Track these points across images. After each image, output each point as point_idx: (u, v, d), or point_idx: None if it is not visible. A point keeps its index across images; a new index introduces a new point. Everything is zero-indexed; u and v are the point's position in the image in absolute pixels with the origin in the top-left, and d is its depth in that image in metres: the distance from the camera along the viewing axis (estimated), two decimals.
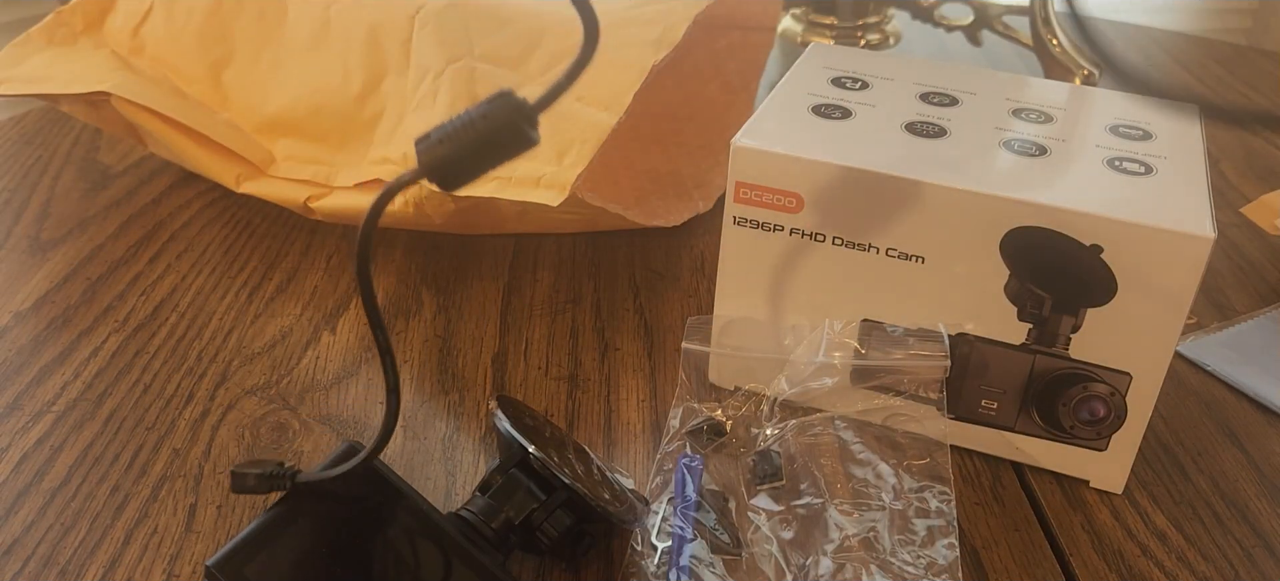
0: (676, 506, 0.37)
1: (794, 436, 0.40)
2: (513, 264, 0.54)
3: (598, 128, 0.45)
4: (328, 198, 0.52)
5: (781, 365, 0.41)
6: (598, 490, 0.34)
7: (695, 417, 0.41)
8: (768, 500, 0.38)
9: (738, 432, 0.41)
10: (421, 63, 0.50)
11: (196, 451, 0.41)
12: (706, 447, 0.40)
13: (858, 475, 0.38)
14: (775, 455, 0.39)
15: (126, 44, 0.57)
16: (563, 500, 0.32)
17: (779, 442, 0.40)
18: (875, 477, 0.38)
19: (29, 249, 0.54)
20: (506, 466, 0.33)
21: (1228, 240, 0.58)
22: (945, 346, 0.38)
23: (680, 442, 0.40)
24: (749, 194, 0.39)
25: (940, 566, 0.35)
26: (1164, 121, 0.42)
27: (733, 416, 0.42)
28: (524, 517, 0.32)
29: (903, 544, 0.36)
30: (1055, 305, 0.37)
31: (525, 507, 0.32)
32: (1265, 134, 0.72)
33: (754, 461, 0.39)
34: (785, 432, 0.40)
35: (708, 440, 0.40)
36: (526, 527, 0.32)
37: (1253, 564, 0.37)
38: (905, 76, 0.45)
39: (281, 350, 0.47)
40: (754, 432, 0.41)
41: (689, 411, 0.42)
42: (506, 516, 0.32)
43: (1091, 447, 0.39)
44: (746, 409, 0.42)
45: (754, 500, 0.38)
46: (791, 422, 0.40)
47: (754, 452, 0.39)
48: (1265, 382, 0.46)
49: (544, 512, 0.32)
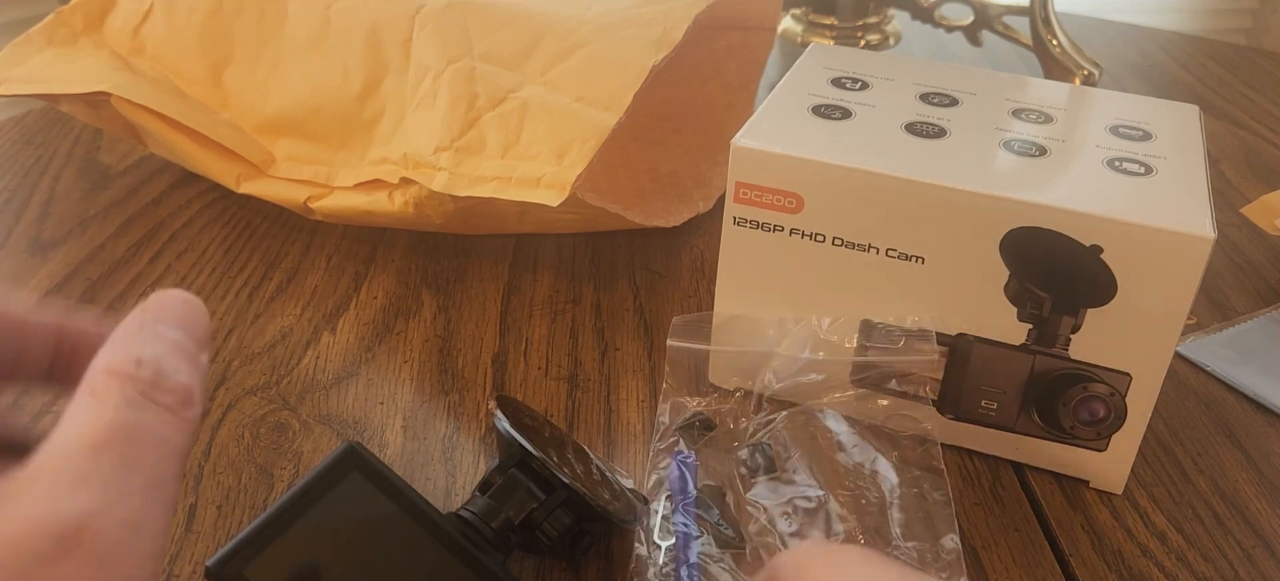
0: (678, 503, 0.37)
1: (785, 428, 0.40)
2: (513, 264, 0.54)
3: (598, 128, 0.45)
4: (328, 198, 0.52)
5: (770, 359, 0.41)
6: (597, 489, 0.34)
7: (683, 413, 0.41)
8: (766, 492, 0.38)
9: (726, 426, 0.41)
10: (421, 63, 0.50)
11: (196, 451, 0.41)
12: (697, 442, 0.40)
13: (853, 467, 0.38)
14: (768, 447, 0.39)
15: (127, 44, 0.57)
16: (562, 499, 0.33)
17: (769, 435, 0.40)
18: (871, 470, 0.38)
19: (29, 249, 0.54)
20: (506, 466, 0.33)
21: (1228, 240, 0.58)
22: (934, 342, 0.38)
23: (672, 439, 0.40)
24: (749, 194, 0.39)
25: (945, 558, 0.35)
26: (1164, 121, 0.42)
27: (720, 410, 0.42)
28: (524, 517, 0.32)
29: (906, 536, 0.36)
30: (1055, 305, 0.37)
31: (525, 507, 0.32)
32: (1265, 134, 0.72)
33: (747, 454, 0.39)
34: (775, 425, 0.40)
35: (698, 435, 0.40)
36: (527, 527, 0.32)
37: (1252, 564, 0.37)
38: (905, 77, 0.45)
39: (282, 350, 0.47)
40: (743, 425, 0.41)
41: (677, 406, 0.42)
42: (506, 516, 0.32)
43: (1091, 448, 0.39)
44: (733, 403, 0.42)
45: (752, 493, 0.38)
46: (781, 414, 0.40)
47: (746, 445, 0.39)
48: (1265, 383, 0.46)
49: (544, 512, 0.32)
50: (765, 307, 0.41)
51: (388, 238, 0.56)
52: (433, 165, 0.47)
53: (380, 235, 0.56)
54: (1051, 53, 0.74)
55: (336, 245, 0.55)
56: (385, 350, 0.47)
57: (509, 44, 0.50)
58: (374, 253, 0.54)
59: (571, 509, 0.33)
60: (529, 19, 0.51)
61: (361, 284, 0.52)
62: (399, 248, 0.55)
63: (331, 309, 0.50)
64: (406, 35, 0.51)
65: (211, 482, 0.39)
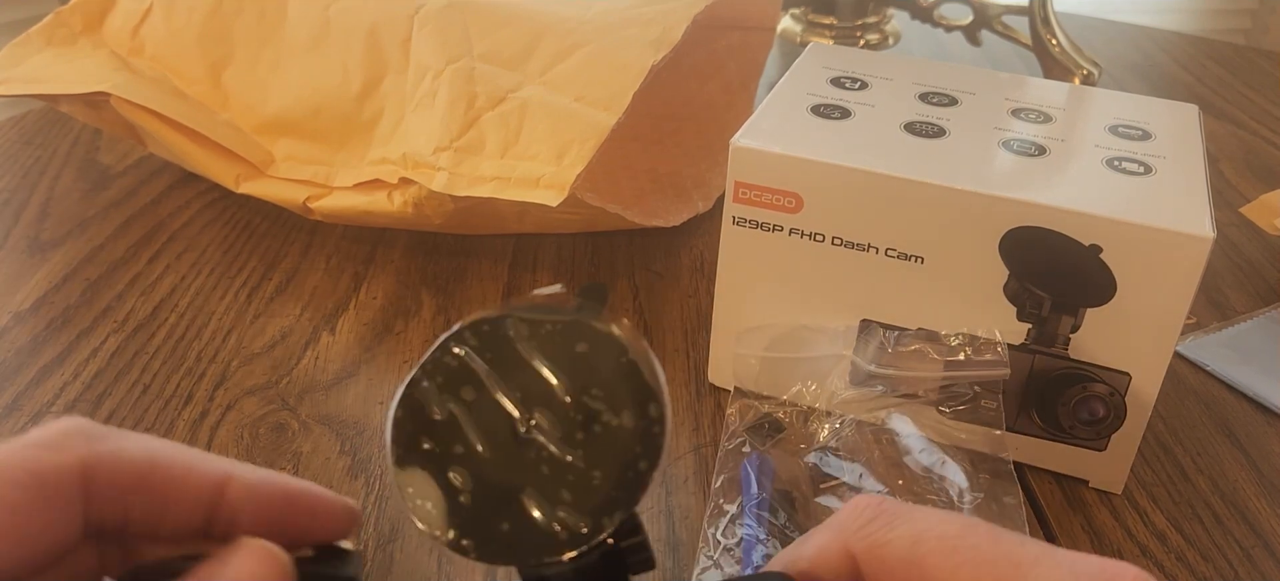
0: (746, 506, 0.36)
1: (853, 434, 0.39)
2: (512, 264, 0.54)
3: (597, 128, 0.45)
4: (327, 198, 0.52)
5: (829, 367, 0.41)
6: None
7: (752, 413, 0.41)
8: (835, 498, 0.37)
9: (795, 428, 0.40)
10: (421, 62, 0.50)
11: None
12: (765, 444, 0.40)
13: (922, 471, 0.38)
14: (837, 452, 0.39)
15: (126, 44, 0.57)
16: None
17: (838, 439, 0.39)
18: (940, 474, 0.38)
19: (28, 249, 0.54)
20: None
21: (1227, 240, 0.58)
22: (1005, 354, 0.38)
23: (740, 440, 0.40)
24: (748, 194, 0.39)
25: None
26: (1163, 121, 0.42)
27: (790, 412, 0.41)
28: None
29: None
30: (1054, 305, 0.37)
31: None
32: (1264, 133, 0.72)
33: (815, 459, 0.38)
34: (843, 429, 0.39)
35: (767, 436, 0.40)
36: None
37: (1252, 564, 0.37)
38: (904, 76, 0.45)
39: (281, 350, 0.47)
40: (812, 429, 0.40)
41: (745, 407, 0.41)
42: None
43: (1091, 448, 0.39)
44: (803, 408, 0.42)
45: (819, 499, 0.37)
46: (849, 418, 0.40)
47: (814, 449, 0.39)
48: (1265, 382, 0.46)
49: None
50: (765, 308, 0.41)
51: (387, 238, 0.56)
52: (432, 165, 0.47)
53: (380, 235, 0.56)
54: (1051, 52, 0.74)
55: (336, 245, 0.55)
56: (385, 350, 0.47)
57: (508, 44, 0.50)
58: (373, 253, 0.54)
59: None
60: (528, 19, 0.51)
61: (361, 284, 0.52)
62: (398, 248, 0.55)
63: (331, 309, 0.50)
64: (406, 35, 0.51)
65: None
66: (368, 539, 0.37)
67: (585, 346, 0.24)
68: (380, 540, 0.37)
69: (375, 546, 0.36)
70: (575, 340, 0.24)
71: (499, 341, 0.24)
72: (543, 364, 0.24)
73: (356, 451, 0.41)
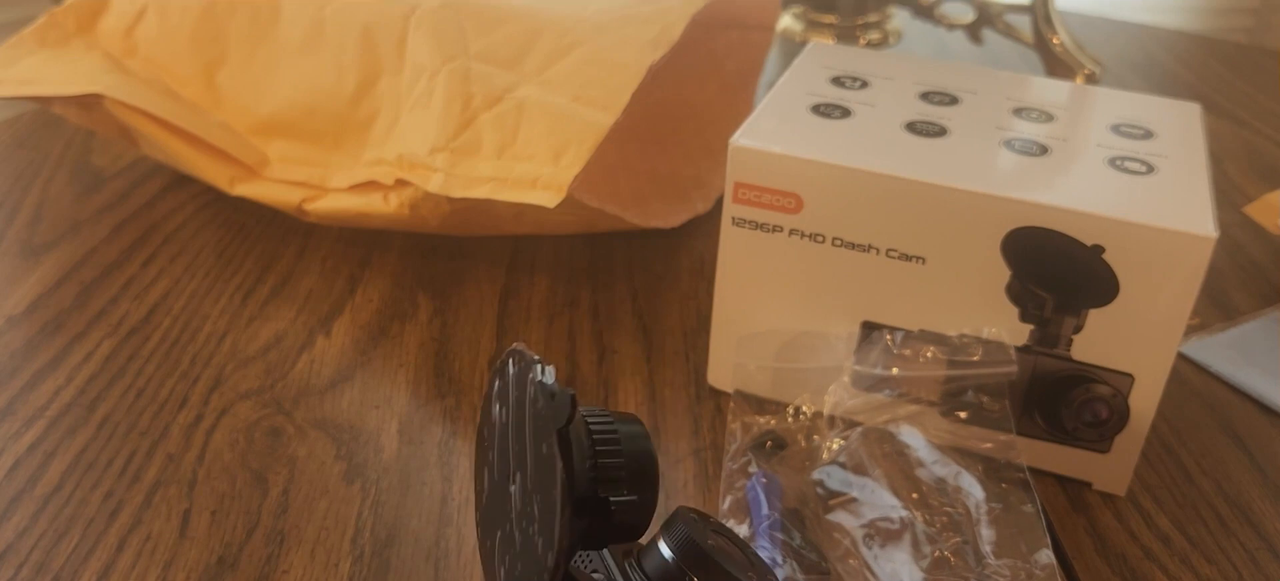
0: (759, 527, 0.35)
1: (860, 446, 0.38)
2: (509, 266, 0.53)
3: (595, 128, 0.45)
4: (322, 200, 0.52)
5: (832, 376, 0.40)
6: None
7: (754, 430, 0.40)
8: (847, 515, 0.36)
9: (798, 444, 0.39)
10: (416, 63, 0.49)
11: (190, 457, 0.40)
12: (769, 461, 0.39)
13: (936, 483, 0.37)
14: (845, 467, 0.38)
15: (119, 45, 0.57)
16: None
17: (846, 454, 0.38)
18: (954, 485, 0.37)
19: (21, 253, 0.54)
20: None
21: (1230, 240, 0.58)
22: (1012, 355, 0.37)
23: (744, 459, 0.39)
24: (748, 194, 0.39)
25: (1039, 576, 0.33)
26: (1166, 120, 0.41)
27: (793, 425, 0.40)
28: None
29: (998, 553, 0.34)
30: (1057, 306, 0.36)
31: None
32: (1267, 132, 0.71)
33: (823, 475, 0.37)
34: (850, 443, 0.39)
35: (771, 453, 0.39)
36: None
37: (1257, 567, 0.37)
38: (905, 75, 0.44)
39: (276, 354, 0.46)
40: (816, 442, 0.39)
41: (746, 425, 0.40)
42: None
43: (1094, 450, 0.39)
44: (805, 420, 0.41)
45: (831, 515, 0.36)
46: (856, 431, 0.39)
47: (820, 466, 0.38)
48: (1269, 384, 0.45)
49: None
50: (765, 309, 0.41)
51: (383, 240, 0.55)
52: (428, 166, 0.46)
53: (375, 237, 0.55)
54: (1053, 51, 0.73)
55: (331, 247, 0.55)
56: (381, 354, 0.46)
57: (505, 43, 0.49)
58: (369, 255, 0.54)
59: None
60: (525, 18, 0.50)
61: (356, 287, 0.51)
62: (394, 250, 0.54)
63: (326, 312, 0.49)
64: (401, 35, 0.51)
65: (205, 488, 0.39)
66: (364, 544, 0.36)
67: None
68: (376, 545, 0.36)
69: (371, 552, 0.36)
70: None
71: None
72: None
73: (352, 455, 0.40)
